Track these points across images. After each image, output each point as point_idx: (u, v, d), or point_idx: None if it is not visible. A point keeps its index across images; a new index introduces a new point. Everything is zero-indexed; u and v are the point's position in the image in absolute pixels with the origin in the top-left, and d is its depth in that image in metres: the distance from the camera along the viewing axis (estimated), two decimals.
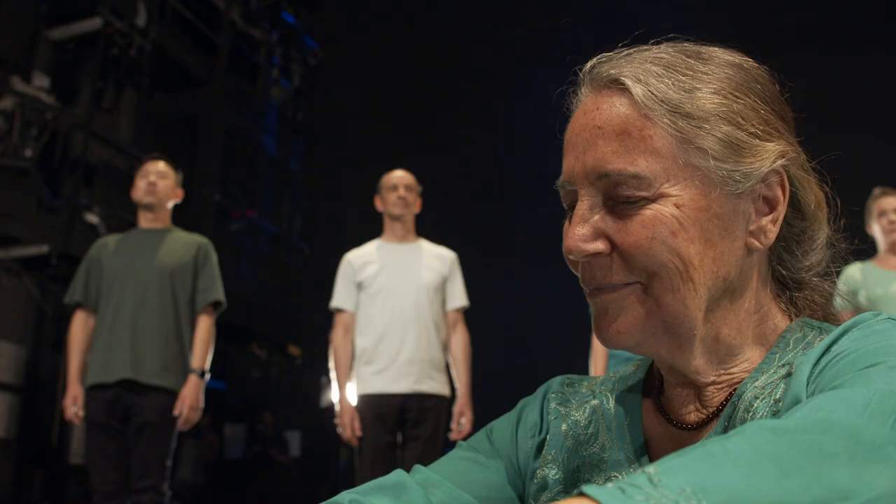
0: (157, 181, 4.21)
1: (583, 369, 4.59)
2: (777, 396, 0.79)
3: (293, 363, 15.30)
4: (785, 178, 0.84)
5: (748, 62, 0.88)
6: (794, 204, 0.87)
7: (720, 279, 0.82)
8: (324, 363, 4.66)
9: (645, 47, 0.88)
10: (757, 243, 0.84)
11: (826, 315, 0.92)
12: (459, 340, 4.46)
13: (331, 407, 12.58)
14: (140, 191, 4.22)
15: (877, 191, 4.25)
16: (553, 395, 1.01)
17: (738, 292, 0.85)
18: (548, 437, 0.98)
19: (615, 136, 0.82)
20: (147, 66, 10.78)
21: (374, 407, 4.24)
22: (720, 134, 0.81)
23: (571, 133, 0.87)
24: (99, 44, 10.02)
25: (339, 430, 4.30)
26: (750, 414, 0.80)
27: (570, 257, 0.84)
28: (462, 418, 4.35)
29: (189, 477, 10.82)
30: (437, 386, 4.32)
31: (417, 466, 0.96)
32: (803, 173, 0.86)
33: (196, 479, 11.19)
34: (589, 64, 0.89)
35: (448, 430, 4.38)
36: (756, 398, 0.81)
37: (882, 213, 4.18)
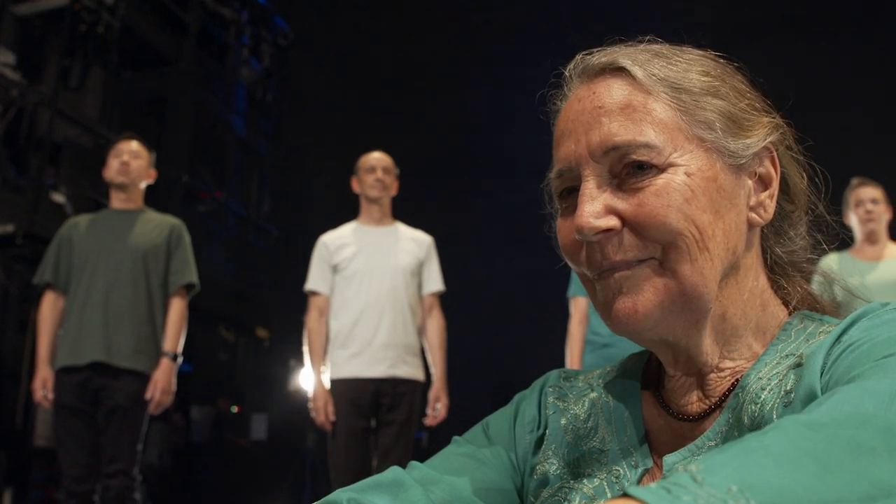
0: (131, 161, 4.14)
1: (557, 355, 4.60)
2: (788, 387, 0.78)
3: (261, 346, 15.22)
4: (776, 154, 0.87)
5: (721, 59, 0.90)
6: (783, 185, 0.89)
7: (730, 252, 0.83)
8: (291, 346, 4.63)
9: (624, 45, 0.90)
10: (758, 218, 0.86)
11: (823, 307, 0.93)
12: (435, 325, 4.43)
13: (298, 390, 12.57)
14: (113, 170, 4.15)
15: (854, 181, 4.30)
16: (550, 390, 1.01)
17: (743, 271, 0.86)
18: (547, 431, 0.97)
19: (619, 111, 0.82)
20: (115, 43, 10.62)
21: (349, 391, 4.20)
22: (718, 108, 0.83)
23: (566, 121, 0.87)
24: (66, 20, 9.85)
25: (313, 414, 4.26)
26: (758, 405, 0.79)
27: (580, 237, 0.82)
28: (438, 403, 4.33)
29: (156, 460, 10.73)
30: (412, 371, 4.30)
31: (413, 463, 0.95)
32: (790, 153, 0.90)
33: (162, 462, 11.10)
34: (574, 61, 0.90)
35: (423, 415, 4.37)
36: (763, 389, 0.80)
37: (859, 203, 4.23)
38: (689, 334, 0.84)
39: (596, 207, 0.81)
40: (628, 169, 0.81)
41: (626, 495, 0.48)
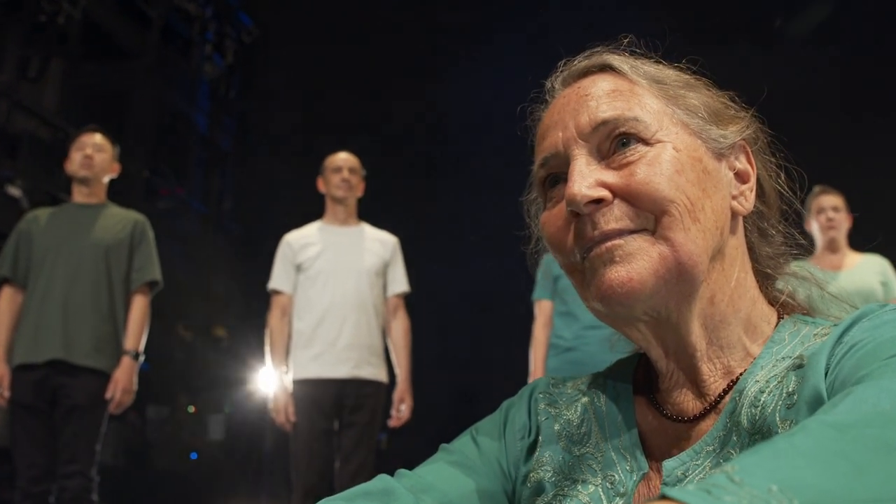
0: (94, 154, 4.06)
1: (521, 358, 4.60)
2: (790, 389, 0.78)
3: (219, 345, 15.08)
4: (750, 152, 0.90)
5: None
6: (757, 187, 0.92)
7: (718, 231, 0.84)
8: (250, 346, 4.59)
9: (604, 47, 0.93)
10: (740, 207, 0.88)
11: (811, 310, 0.95)
12: (400, 326, 4.42)
13: (257, 390, 12.47)
14: (75, 163, 4.06)
15: (816, 188, 4.35)
16: (541, 396, 1.00)
17: (729, 260, 0.87)
18: (540, 438, 0.96)
19: (605, 95, 0.85)
20: (76, 35, 10.46)
21: (311, 392, 4.17)
22: (698, 99, 0.88)
23: (551, 116, 0.89)
24: (25, 9, 9.68)
25: (273, 414, 4.23)
26: (758, 408, 0.79)
27: (571, 208, 0.82)
28: (402, 405, 4.32)
29: (111, 460, 10.58)
30: (376, 372, 4.28)
31: (402, 471, 0.94)
32: (763, 156, 0.93)
33: (118, 462, 10.96)
34: (556, 70, 0.93)
35: (387, 416, 4.34)
36: (762, 392, 0.80)
37: (820, 211, 4.28)
38: (680, 309, 0.84)
39: (587, 180, 0.82)
40: (616, 145, 0.83)
41: (664, 497, 0.47)
